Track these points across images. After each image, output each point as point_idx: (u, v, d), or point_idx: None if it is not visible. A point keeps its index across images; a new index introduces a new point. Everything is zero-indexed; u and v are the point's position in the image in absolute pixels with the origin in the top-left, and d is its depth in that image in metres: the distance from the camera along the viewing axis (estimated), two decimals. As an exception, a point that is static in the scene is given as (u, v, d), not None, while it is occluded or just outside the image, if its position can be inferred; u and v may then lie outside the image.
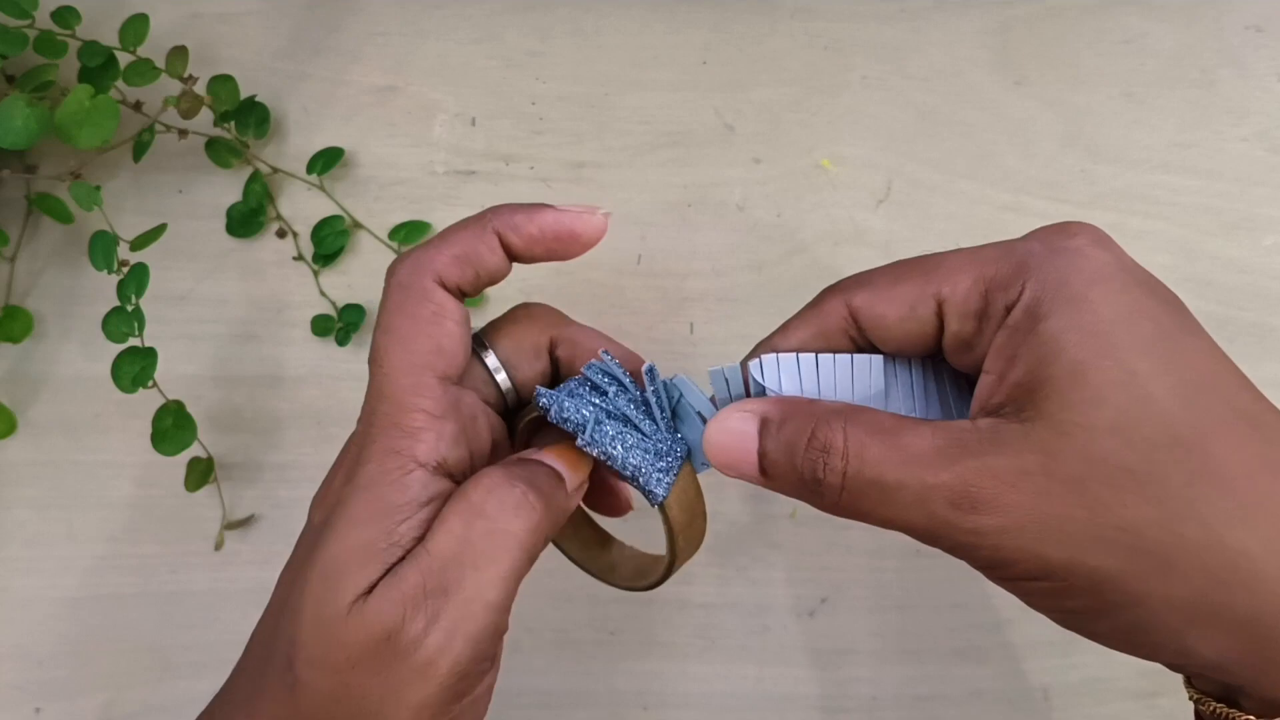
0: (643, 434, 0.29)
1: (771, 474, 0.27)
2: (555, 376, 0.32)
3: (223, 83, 0.47)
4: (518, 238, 0.29)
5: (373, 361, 0.29)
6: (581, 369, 0.30)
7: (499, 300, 0.46)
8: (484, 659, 0.28)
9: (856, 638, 0.42)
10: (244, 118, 0.47)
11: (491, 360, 0.31)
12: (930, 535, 0.25)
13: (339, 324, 0.45)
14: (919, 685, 0.42)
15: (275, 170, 0.47)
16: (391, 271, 0.29)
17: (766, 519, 0.43)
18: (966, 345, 0.27)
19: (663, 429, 0.29)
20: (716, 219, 0.47)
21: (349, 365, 0.46)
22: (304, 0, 0.50)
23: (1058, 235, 0.27)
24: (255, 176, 0.47)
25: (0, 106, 0.41)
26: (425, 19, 0.49)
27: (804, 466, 0.26)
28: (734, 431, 0.27)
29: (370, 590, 0.26)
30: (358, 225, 0.47)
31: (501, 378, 0.31)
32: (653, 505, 0.29)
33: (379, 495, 0.27)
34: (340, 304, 0.46)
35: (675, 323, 0.45)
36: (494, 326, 0.32)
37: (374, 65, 0.49)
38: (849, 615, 0.43)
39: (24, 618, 0.44)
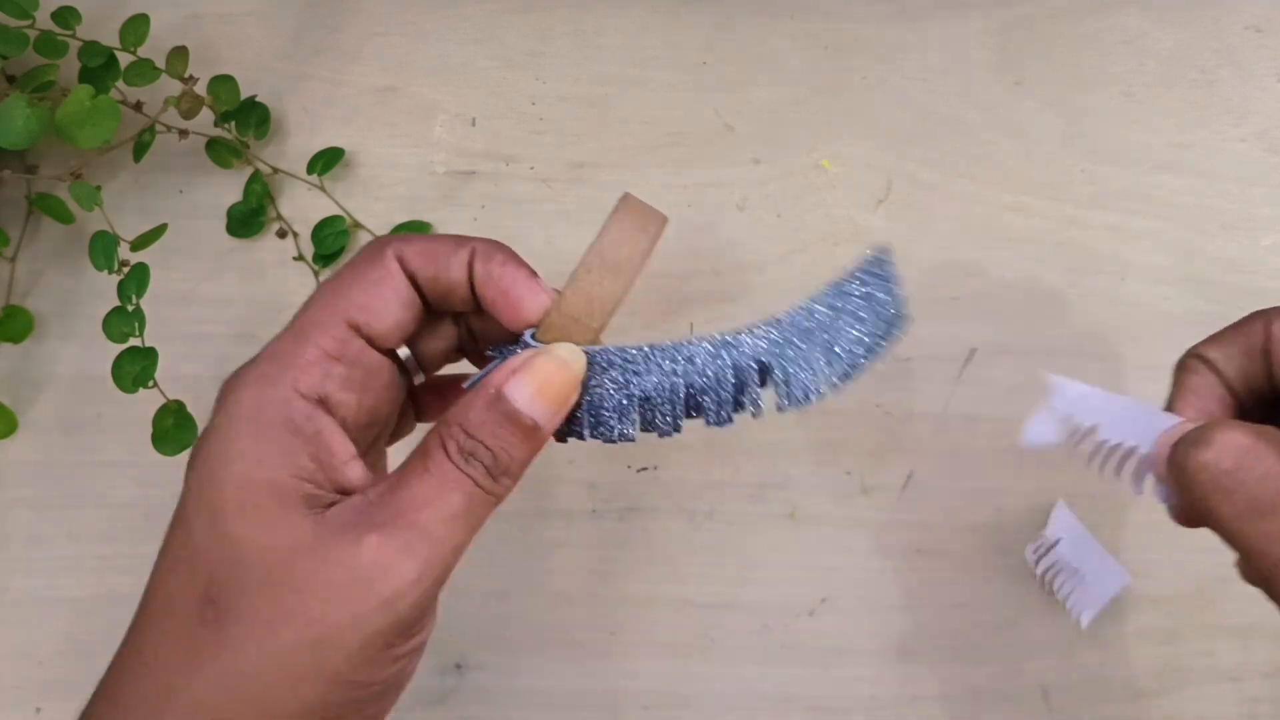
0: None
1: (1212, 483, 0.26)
2: (423, 302, 0.30)
3: (223, 83, 0.47)
4: (482, 267, 0.29)
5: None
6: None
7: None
8: (433, 602, 0.27)
9: (856, 638, 0.42)
10: (244, 118, 0.47)
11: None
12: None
13: (339, 324, 0.45)
14: (919, 685, 0.42)
15: (275, 170, 0.47)
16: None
17: (766, 519, 0.43)
18: None
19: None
20: (716, 219, 0.47)
21: (349, 365, 0.46)
22: (304, 0, 0.50)
23: None
24: (256, 177, 0.47)
25: (1, 107, 0.41)
26: (425, 19, 0.49)
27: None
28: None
29: (306, 516, 0.25)
30: (358, 225, 0.47)
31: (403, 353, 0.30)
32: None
33: (267, 420, 0.26)
34: (340, 304, 0.46)
35: (675, 323, 0.45)
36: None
37: (374, 65, 0.49)
38: (849, 615, 0.43)
39: (24, 618, 0.44)
